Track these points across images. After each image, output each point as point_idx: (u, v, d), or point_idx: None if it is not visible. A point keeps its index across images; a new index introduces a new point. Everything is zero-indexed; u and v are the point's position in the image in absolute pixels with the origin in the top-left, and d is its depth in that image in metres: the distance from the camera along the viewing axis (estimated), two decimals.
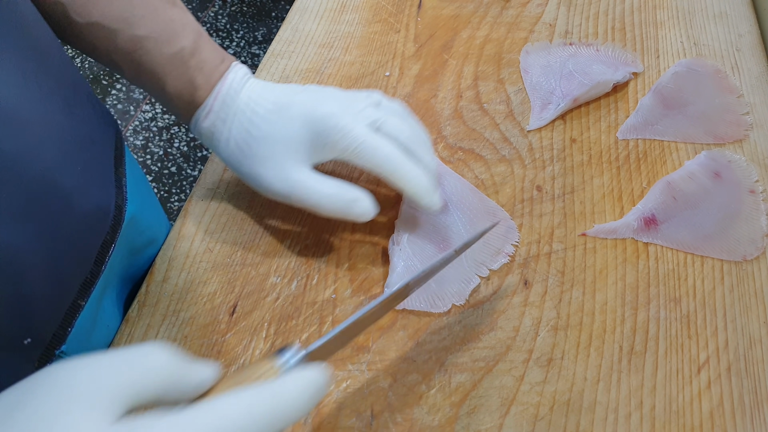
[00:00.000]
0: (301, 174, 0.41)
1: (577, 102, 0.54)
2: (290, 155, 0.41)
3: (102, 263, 0.39)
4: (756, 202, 0.47)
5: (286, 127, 0.41)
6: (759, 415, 0.37)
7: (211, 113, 0.42)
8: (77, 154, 0.36)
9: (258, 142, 0.41)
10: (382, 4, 0.65)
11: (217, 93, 0.42)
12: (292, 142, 0.41)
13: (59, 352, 0.36)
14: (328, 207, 0.40)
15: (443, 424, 0.38)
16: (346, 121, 0.40)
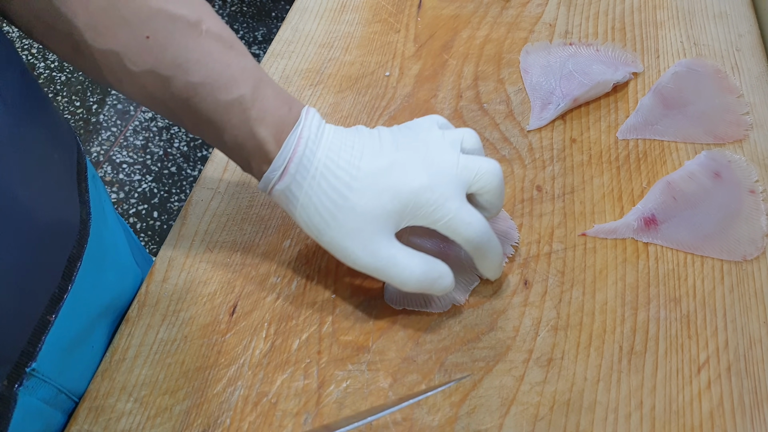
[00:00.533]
0: (390, 249, 0.38)
1: (577, 102, 0.54)
2: (379, 228, 0.38)
3: (70, 278, 0.37)
4: (756, 202, 0.47)
5: (374, 198, 0.38)
6: (759, 415, 0.37)
7: (286, 175, 0.38)
8: (40, 166, 0.35)
9: (344, 213, 0.38)
10: (382, 4, 0.65)
11: (292, 152, 0.38)
12: (381, 215, 0.38)
13: (30, 370, 0.35)
14: (415, 285, 0.38)
15: (443, 424, 0.38)
16: (439, 194, 0.38)
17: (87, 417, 0.38)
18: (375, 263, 0.38)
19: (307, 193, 0.38)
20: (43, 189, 0.35)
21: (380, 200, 0.38)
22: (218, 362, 0.40)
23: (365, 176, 0.38)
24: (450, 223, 0.38)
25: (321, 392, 0.39)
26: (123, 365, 0.40)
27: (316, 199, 0.38)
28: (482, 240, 0.39)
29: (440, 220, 0.38)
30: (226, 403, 0.39)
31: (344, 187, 0.38)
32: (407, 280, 0.38)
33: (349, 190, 0.38)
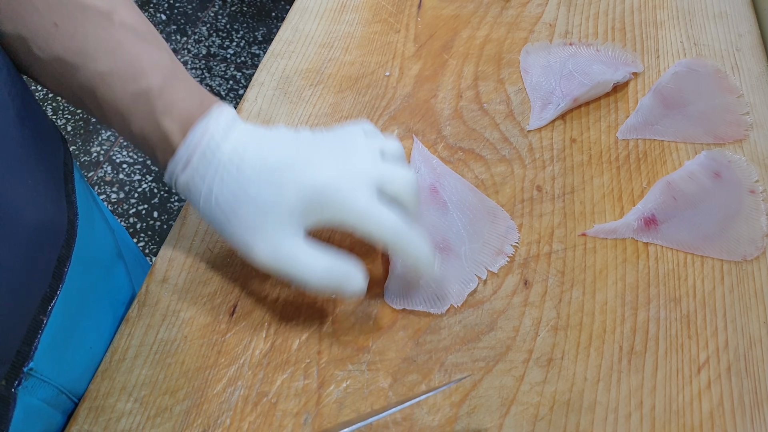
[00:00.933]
0: (293, 247, 0.37)
1: (577, 102, 0.54)
2: (281, 224, 0.37)
3: (60, 278, 0.38)
4: (756, 202, 0.47)
5: (278, 193, 0.37)
6: (759, 415, 0.37)
7: (189, 167, 0.37)
8: (28, 166, 0.35)
9: (245, 208, 0.37)
10: (382, 4, 0.65)
11: (196, 144, 0.37)
12: (283, 210, 0.37)
13: (28, 369, 0.35)
14: (316, 285, 0.37)
15: (443, 424, 0.38)
16: (346, 191, 0.37)
17: (87, 417, 0.39)
18: (275, 261, 0.37)
19: (209, 186, 0.37)
20: (31, 189, 0.35)
21: (282, 194, 0.37)
22: (218, 362, 0.40)
23: (269, 169, 0.37)
24: (358, 222, 0.37)
25: (321, 392, 0.39)
26: (123, 365, 0.40)
27: (217, 191, 0.37)
28: (396, 238, 0.37)
29: (348, 220, 0.37)
30: (226, 403, 0.39)
31: (246, 180, 0.37)
32: (308, 280, 0.37)
33: (251, 183, 0.37)
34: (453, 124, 0.53)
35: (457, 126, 0.53)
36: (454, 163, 0.50)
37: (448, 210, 0.46)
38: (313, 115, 0.55)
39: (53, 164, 0.40)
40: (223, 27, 1.99)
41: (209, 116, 0.38)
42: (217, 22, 2.00)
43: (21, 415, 0.35)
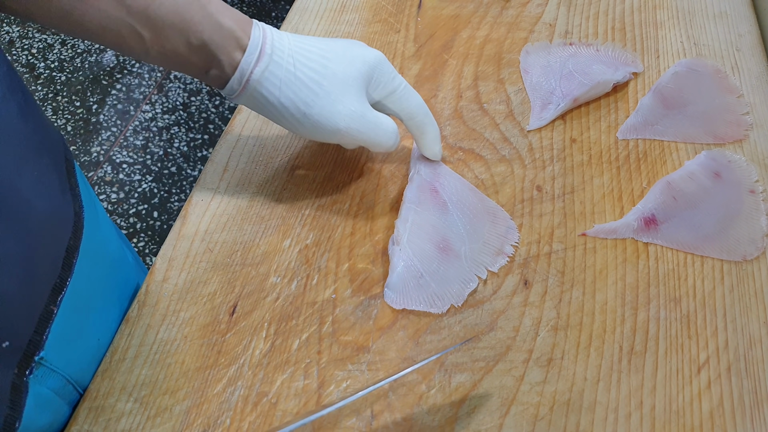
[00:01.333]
0: (371, 111, 0.43)
1: (577, 102, 0.54)
2: (359, 92, 0.42)
3: (70, 268, 0.38)
4: (756, 202, 0.47)
5: (349, 65, 0.42)
6: (759, 415, 0.37)
7: (264, 56, 0.40)
8: (33, 159, 0.36)
9: (329, 80, 0.41)
10: (382, 4, 0.65)
11: (262, 36, 0.41)
12: (358, 80, 0.42)
13: (39, 358, 0.36)
14: (391, 142, 0.44)
15: (443, 424, 0.38)
16: (393, 67, 0.45)
17: (87, 417, 0.39)
18: (364, 124, 0.42)
19: (288, 69, 0.41)
20: (38, 180, 0.36)
21: (354, 65, 0.42)
22: (218, 362, 0.40)
23: (334, 49, 0.42)
24: (403, 93, 0.45)
25: (321, 392, 0.39)
26: (123, 365, 0.40)
27: (299, 72, 0.41)
28: (425, 113, 0.45)
29: (396, 89, 0.44)
30: (226, 403, 0.39)
31: (323, 58, 0.42)
32: (389, 137, 0.44)
33: (327, 59, 0.42)
34: (453, 124, 0.53)
35: (457, 126, 0.53)
36: (454, 163, 0.50)
37: (448, 210, 0.46)
38: None
39: (56, 158, 0.40)
40: None
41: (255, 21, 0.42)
42: None
43: (32, 403, 0.36)
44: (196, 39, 0.39)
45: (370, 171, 0.50)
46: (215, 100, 1.77)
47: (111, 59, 1.88)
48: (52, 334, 0.37)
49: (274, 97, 0.41)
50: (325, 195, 0.49)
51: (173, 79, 1.83)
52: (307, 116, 0.42)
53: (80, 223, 0.41)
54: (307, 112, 0.41)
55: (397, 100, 0.45)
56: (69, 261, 0.38)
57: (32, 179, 0.35)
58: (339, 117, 0.42)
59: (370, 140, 0.43)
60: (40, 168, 0.36)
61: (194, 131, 1.70)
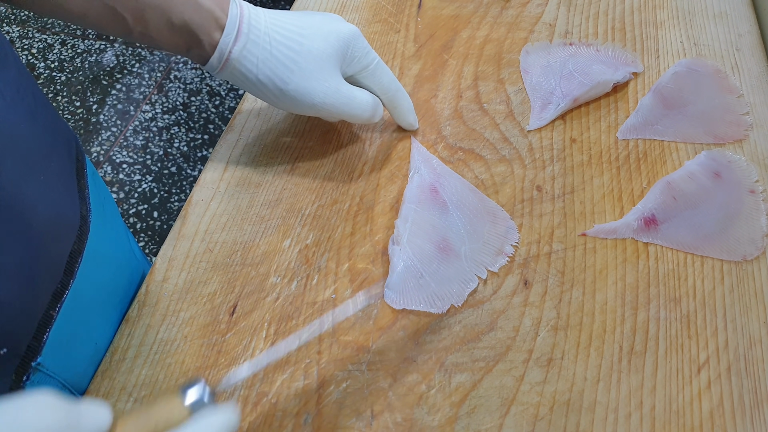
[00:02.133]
0: (345, 86, 0.45)
1: (577, 102, 0.54)
2: (334, 68, 0.44)
3: (72, 273, 0.38)
4: (756, 202, 0.47)
5: (324, 41, 0.43)
6: (759, 415, 0.37)
7: (241, 35, 0.42)
8: (40, 162, 0.36)
9: (304, 57, 0.43)
10: (382, 4, 0.65)
11: (239, 15, 0.42)
12: (333, 56, 0.43)
13: (36, 364, 0.35)
14: (367, 113, 0.46)
15: (443, 424, 0.38)
16: (367, 42, 0.46)
17: None
18: (340, 99, 0.44)
19: (264, 47, 0.42)
20: (44, 185, 0.36)
21: (328, 41, 0.43)
22: (218, 362, 0.40)
23: (310, 25, 0.44)
24: (376, 68, 0.46)
25: (321, 392, 0.39)
26: (123, 365, 0.40)
27: (275, 50, 0.42)
28: (397, 87, 0.48)
29: (370, 65, 0.46)
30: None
31: (296, 35, 0.43)
32: (364, 109, 0.46)
33: (302, 36, 0.43)
34: (453, 124, 0.53)
35: (457, 126, 0.53)
36: (454, 163, 0.50)
37: (448, 210, 0.46)
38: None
39: (65, 160, 0.40)
40: None
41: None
42: None
43: None
44: (177, 19, 0.40)
45: (370, 171, 0.50)
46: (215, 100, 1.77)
47: (111, 59, 1.88)
48: (51, 339, 0.36)
49: (252, 75, 0.43)
50: (325, 195, 0.49)
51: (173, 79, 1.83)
52: (284, 92, 0.43)
53: (86, 227, 0.40)
54: (284, 88, 0.43)
55: (369, 75, 0.46)
56: (71, 266, 0.38)
57: (38, 184, 0.35)
58: (314, 92, 0.43)
59: (346, 113, 0.45)
60: (47, 172, 0.36)
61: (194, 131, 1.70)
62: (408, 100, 0.49)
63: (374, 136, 0.53)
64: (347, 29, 0.44)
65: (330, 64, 0.43)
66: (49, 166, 0.37)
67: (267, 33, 0.42)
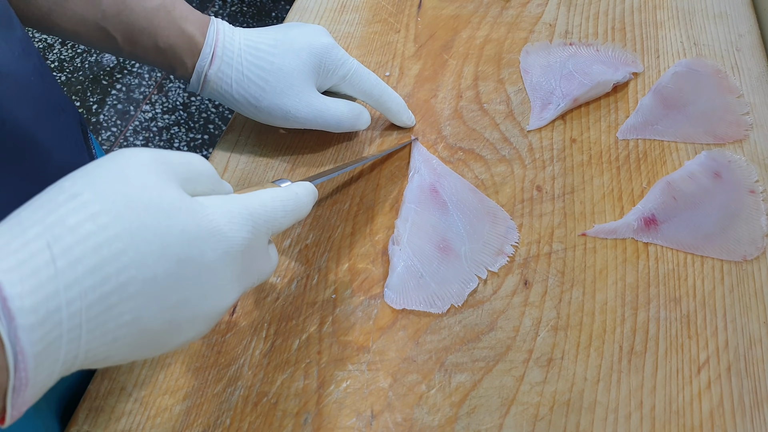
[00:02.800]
0: (319, 98, 0.46)
1: (577, 102, 0.54)
2: (306, 83, 0.46)
3: None
4: (756, 202, 0.47)
5: (295, 57, 0.45)
6: (759, 415, 0.37)
7: (216, 58, 0.44)
8: (50, 113, 0.38)
9: (274, 75, 0.45)
10: (382, 4, 0.65)
11: (215, 39, 0.44)
12: (304, 71, 0.45)
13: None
14: (346, 123, 0.47)
15: (443, 424, 0.38)
16: (342, 52, 0.47)
17: (87, 417, 0.38)
18: (312, 113, 0.46)
19: (237, 68, 0.45)
20: (56, 135, 0.38)
21: (300, 58, 0.45)
22: (218, 362, 0.40)
23: (282, 42, 0.45)
24: (354, 76, 0.47)
25: (321, 392, 0.39)
26: (123, 365, 0.40)
27: (247, 71, 0.45)
28: (381, 88, 0.49)
29: (347, 74, 0.47)
30: (226, 403, 0.39)
31: (268, 54, 0.45)
32: (340, 120, 0.47)
33: (274, 56, 0.45)
34: (453, 124, 0.53)
35: (457, 126, 0.53)
36: (454, 163, 0.50)
37: (448, 210, 0.46)
38: None
39: (71, 120, 0.42)
40: None
41: (213, 20, 0.46)
42: None
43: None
44: (162, 43, 0.43)
45: (370, 171, 0.50)
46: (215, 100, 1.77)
47: (111, 59, 1.88)
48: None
49: (228, 93, 0.46)
50: (325, 195, 0.49)
51: (173, 79, 1.83)
52: (258, 109, 0.46)
53: None
54: (257, 105, 0.46)
55: (349, 84, 0.48)
56: None
57: (51, 132, 0.37)
58: (286, 108, 0.46)
59: (323, 125, 0.47)
60: (58, 125, 0.38)
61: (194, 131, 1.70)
62: (396, 101, 0.50)
63: (374, 136, 0.53)
64: (320, 43, 0.46)
65: (301, 79, 0.45)
66: (59, 120, 0.39)
67: (239, 54, 0.45)
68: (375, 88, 0.48)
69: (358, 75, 0.48)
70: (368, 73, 0.48)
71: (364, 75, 0.48)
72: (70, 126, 0.42)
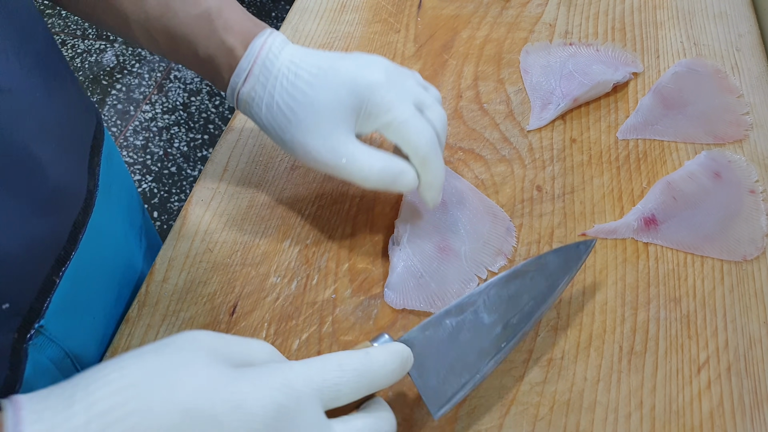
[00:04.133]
0: (349, 145, 0.39)
1: (577, 102, 0.54)
2: (337, 124, 0.39)
3: (75, 242, 0.40)
4: (756, 202, 0.47)
5: (332, 93, 0.39)
6: (759, 415, 0.37)
7: (251, 77, 0.40)
8: (54, 130, 0.37)
9: (304, 108, 0.39)
10: (382, 4, 0.65)
11: (256, 56, 0.40)
12: (338, 110, 0.39)
13: (39, 326, 0.37)
14: (377, 181, 0.39)
15: (443, 424, 0.38)
16: (393, 95, 0.39)
17: None
18: (335, 159, 0.39)
19: (270, 92, 0.40)
20: (57, 152, 0.37)
21: (338, 94, 0.39)
22: None
23: (325, 72, 0.39)
24: (401, 126, 0.39)
25: None
26: None
27: (278, 97, 0.40)
28: (429, 151, 0.39)
29: (392, 122, 0.39)
30: None
31: (305, 84, 0.39)
32: (368, 176, 0.39)
33: (310, 86, 0.39)
34: (453, 124, 0.53)
35: (457, 126, 0.53)
36: (454, 163, 0.50)
37: (448, 210, 0.46)
38: None
39: (81, 134, 0.42)
40: None
41: (264, 33, 0.41)
42: None
43: (31, 371, 0.37)
44: (202, 53, 0.41)
45: None
46: (215, 100, 1.78)
47: (111, 59, 1.88)
48: (53, 305, 0.38)
49: (258, 117, 0.41)
50: (325, 195, 0.49)
51: (173, 79, 1.83)
52: (283, 141, 0.41)
53: (91, 201, 0.42)
54: (282, 137, 0.40)
55: (394, 133, 0.40)
56: (75, 235, 0.40)
57: (51, 149, 0.36)
58: (308, 148, 0.39)
59: (347, 177, 0.40)
60: (59, 141, 0.38)
61: (194, 131, 1.70)
62: (437, 175, 0.41)
63: (374, 136, 0.53)
64: (365, 80, 0.39)
65: (333, 118, 0.39)
66: (63, 135, 0.38)
67: (277, 76, 0.40)
68: (421, 148, 0.39)
69: (406, 126, 0.39)
70: (423, 128, 0.39)
71: (413, 128, 0.39)
72: (75, 143, 0.40)
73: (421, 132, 0.39)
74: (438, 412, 0.34)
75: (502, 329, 0.36)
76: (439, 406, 0.34)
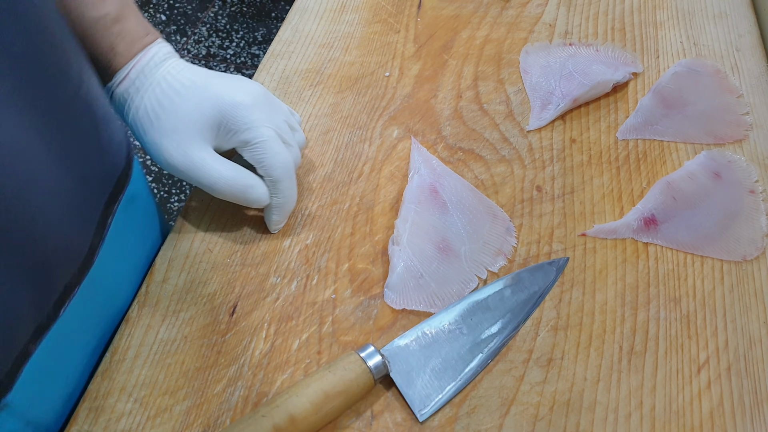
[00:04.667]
0: (202, 152, 0.42)
1: (577, 102, 0.54)
2: (195, 132, 0.42)
3: (61, 307, 0.36)
4: (756, 202, 0.47)
5: (197, 104, 0.42)
6: (759, 415, 0.37)
7: (126, 80, 0.42)
8: (63, 197, 0.34)
9: (166, 114, 0.42)
10: (382, 5, 0.65)
11: (137, 62, 0.42)
12: (199, 120, 0.42)
13: (3, 403, 0.33)
14: (224, 189, 0.42)
15: (443, 424, 0.38)
16: (255, 117, 0.42)
17: (87, 417, 0.38)
18: (185, 163, 0.42)
19: (142, 96, 0.42)
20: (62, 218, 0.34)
21: (201, 106, 0.42)
22: (218, 362, 0.40)
23: (197, 86, 0.42)
24: (257, 147, 0.42)
25: None
26: (123, 365, 0.40)
27: (147, 101, 0.42)
28: (282, 173, 0.43)
29: (250, 142, 0.42)
30: (226, 403, 0.39)
31: (174, 93, 0.42)
32: (216, 182, 0.42)
33: (178, 95, 0.42)
34: (453, 125, 0.53)
35: (456, 126, 0.53)
36: (454, 164, 0.50)
37: (448, 210, 0.46)
38: (312, 115, 0.55)
39: (97, 192, 0.39)
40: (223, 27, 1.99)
41: (154, 44, 0.43)
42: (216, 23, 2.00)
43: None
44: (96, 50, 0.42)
45: (370, 171, 0.50)
46: None
47: None
48: (23, 376, 0.34)
49: (126, 117, 0.43)
50: (325, 195, 0.49)
51: None
52: (143, 141, 0.43)
53: (92, 259, 0.38)
54: (143, 138, 0.43)
55: (250, 153, 0.43)
56: (63, 300, 0.36)
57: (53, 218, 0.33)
58: (161, 149, 0.42)
59: (197, 181, 0.42)
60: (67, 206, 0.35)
61: None
62: (287, 198, 0.44)
63: (374, 136, 0.53)
64: (230, 99, 0.42)
65: (192, 127, 0.42)
66: (73, 198, 0.35)
67: (152, 84, 0.42)
68: (275, 170, 0.42)
69: (263, 147, 0.42)
70: (279, 151, 0.42)
71: (270, 149, 0.42)
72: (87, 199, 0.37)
73: (277, 155, 0.42)
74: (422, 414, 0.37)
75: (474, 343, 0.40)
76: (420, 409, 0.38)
